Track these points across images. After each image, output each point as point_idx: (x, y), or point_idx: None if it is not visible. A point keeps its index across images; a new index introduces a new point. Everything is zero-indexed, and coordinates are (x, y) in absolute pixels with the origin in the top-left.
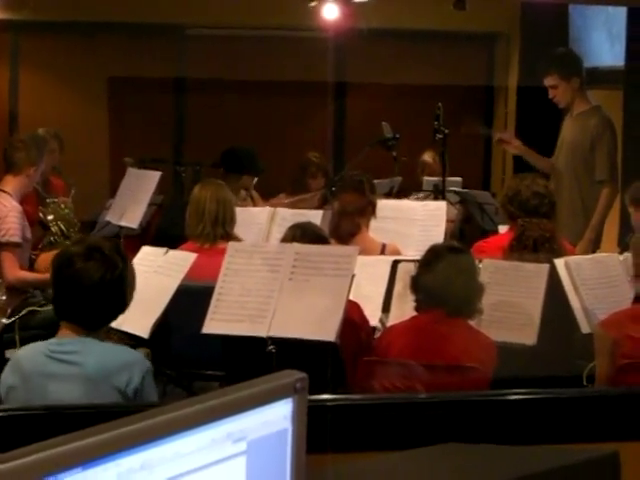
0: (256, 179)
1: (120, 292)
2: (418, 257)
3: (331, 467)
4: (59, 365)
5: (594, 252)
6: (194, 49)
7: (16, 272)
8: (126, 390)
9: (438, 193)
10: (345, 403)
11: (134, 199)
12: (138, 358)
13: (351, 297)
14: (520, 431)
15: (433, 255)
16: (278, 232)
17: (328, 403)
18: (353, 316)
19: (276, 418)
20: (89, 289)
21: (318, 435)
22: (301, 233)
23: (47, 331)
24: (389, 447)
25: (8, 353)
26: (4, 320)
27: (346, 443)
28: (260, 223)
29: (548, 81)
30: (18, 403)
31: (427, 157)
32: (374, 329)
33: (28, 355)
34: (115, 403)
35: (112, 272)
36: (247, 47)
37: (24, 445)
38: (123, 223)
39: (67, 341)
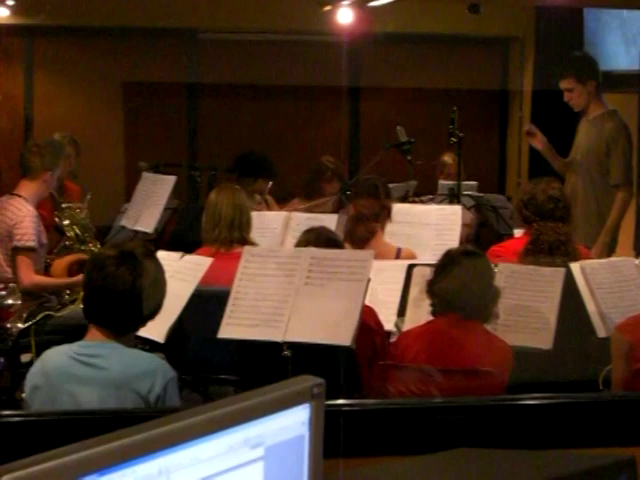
0: (270, 183)
1: (151, 298)
2: (433, 261)
3: (346, 472)
4: (83, 368)
5: (609, 256)
6: (207, 53)
7: (32, 277)
8: (148, 396)
9: (453, 197)
10: (360, 408)
11: (149, 204)
12: (162, 366)
13: (366, 302)
14: (536, 436)
15: (449, 259)
16: (293, 237)
17: (343, 408)
18: (368, 321)
19: (293, 424)
20: (120, 294)
21: (333, 440)
22: (315, 237)
23: (62, 336)
24: (404, 452)
25: (24, 357)
26: (20, 325)
27: (361, 448)
28: (275, 228)
29: (564, 84)
30: (42, 403)
31: (447, 158)
32: (389, 334)
33: (54, 356)
34: (132, 408)
35: (144, 278)
36: (261, 51)
37: (41, 451)
38: (138, 228)
39: (93, 344)
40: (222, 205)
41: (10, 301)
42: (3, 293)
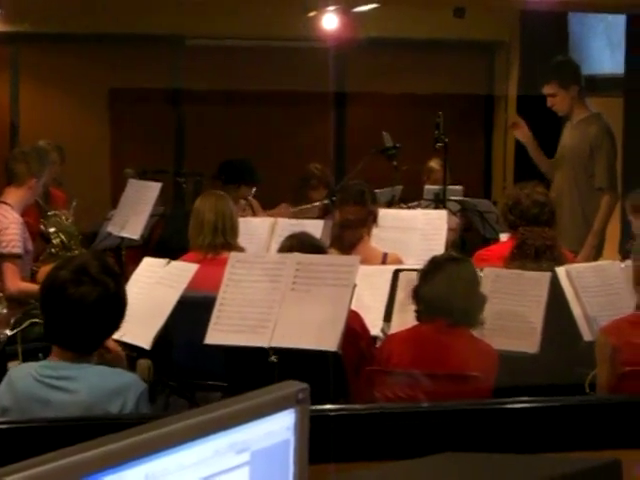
0: (254, 189)
1: (114, 312)
2: (419, 266)
3: (333, 477)
4: (52, 392)
5: (596, 259)
6: (194, 60)
7: (17, 283)
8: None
9: (439, 202)
10: (347, 413)
11: (135, 210)
12: (132, 381)
13: (352, 307)
14: (522, 439)
15: (434, 266)
16: (278, 243)
17: (330, 413)
18: (354, 325)
19: (279, 429)
20: (83, 314)
21: (320, 445)
22: (298, 244)
23: (47, 343)
24: (391, 457)
25: (10, 365)
26: (7, 332)
27: (348, 453)
28: (261, 234)
29: (547, 89)
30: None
31: (433, 164)
32: (375, 338)
33: (21, 378)
34: (115, 415)
35: (104, 293)
36: (247, 57)
37: (25, 458)
38: (124, 234)
39: (61, 366)
40: (205, 211)
41: None
42: None
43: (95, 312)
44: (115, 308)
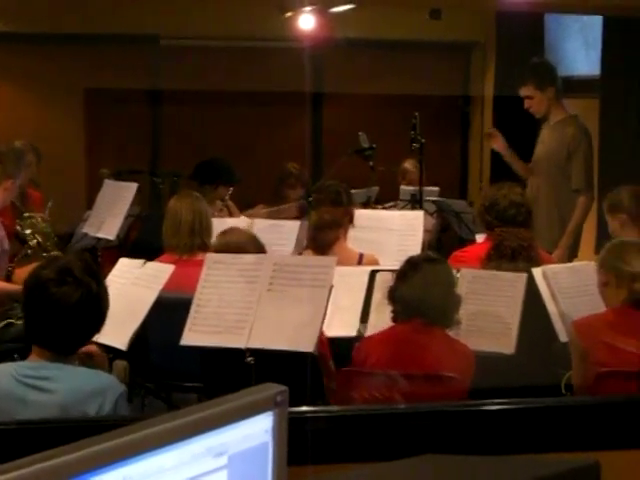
0: (231, 189)
1: (95, 313)
2: (396, 267)
3: (313, 479)
4: (31, 392)
5: (571, 260)
6: (169, 60)
7: None
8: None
9: (415, 202)
10: (324, 415)
11: (111, 211)
12: (111, 383)
13: (329, 308)
14: (499, 441)
15: (410, 266)
16: None
17: (307, 415)
18: None
19: (257, 432)
20: (65, 314)
21: (298, 447)
22: (234, 240)
23: (23, 344)
24: (369, 458)
25: None
26: None
27: (326, 455)
28: None
29: (523, 91)
30: None
31: (408, 165)
32: (352, 340)
33: (0, 378)
34: (94, 417)
35: (87, 294)
36: (223, 58)
37: (1, 463)
38: (100, 235)
39: (40, 366)
40: (182, 211)
41: None
42: None
43: (77, 313)
44: (97, 309)
